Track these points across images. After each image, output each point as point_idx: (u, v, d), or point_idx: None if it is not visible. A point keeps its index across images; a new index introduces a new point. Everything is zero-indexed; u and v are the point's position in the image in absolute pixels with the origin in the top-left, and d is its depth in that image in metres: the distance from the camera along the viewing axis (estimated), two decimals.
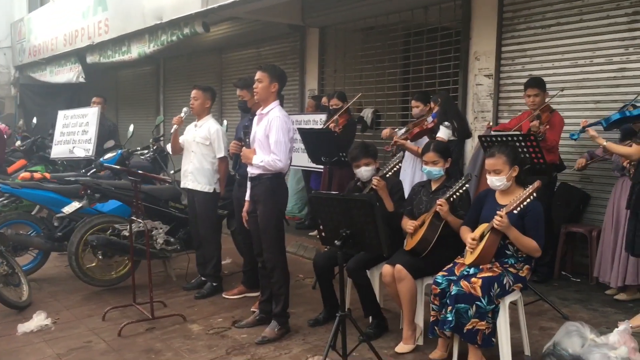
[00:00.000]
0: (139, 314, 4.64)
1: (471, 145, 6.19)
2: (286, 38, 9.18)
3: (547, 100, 5.12)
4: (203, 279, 5.45)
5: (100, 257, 5.33)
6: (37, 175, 5.97)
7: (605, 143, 3.96)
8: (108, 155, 6.67)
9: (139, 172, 4.96)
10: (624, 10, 5.25)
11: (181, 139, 5.41)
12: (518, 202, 3.43)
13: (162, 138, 7.87)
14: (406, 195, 4.44)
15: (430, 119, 5.57)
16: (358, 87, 8.01)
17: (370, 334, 4.14)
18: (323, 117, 6.74)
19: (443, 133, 5.30)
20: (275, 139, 4.09)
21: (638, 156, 3.89)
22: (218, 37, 10.18)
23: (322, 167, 6.44)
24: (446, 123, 5.32)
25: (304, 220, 7.75)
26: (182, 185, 5.40)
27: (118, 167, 5.83)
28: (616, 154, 4.10)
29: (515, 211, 3.45)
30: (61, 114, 8.39)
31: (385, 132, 5.86)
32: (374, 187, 4.18)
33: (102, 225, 5.34)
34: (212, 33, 9.29)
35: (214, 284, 5.34)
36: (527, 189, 3.44)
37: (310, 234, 7.04)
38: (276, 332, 4.24)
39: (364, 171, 4.35)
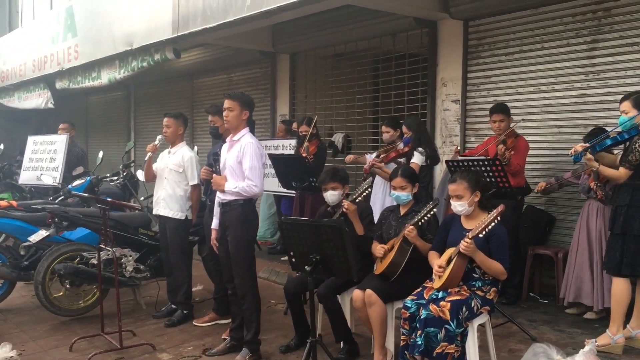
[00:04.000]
0: (107, 344, 4.56)
1: (440, 170, 6.29)
2: (257, 64, 9.26)
3: (511, 125, 5.25)
4: (173, 306, 5.39)
5: (67, 286, 5.25)
6: (3, 203, 5.86)
7: (598, 166, 4.06)
8: (76, 182, 6.59)
9: (108, 199, 4.93)
10: (583, 39, 5.44)
11: (154, 166, 5.40)
12: (483, 226, 3.49)
13: (132, 164, 7.82)
14: (377, 219, 4.49)
15: (401, 144, 5.65)
16: (329, 112, 8.12)
17: (341, 359, 4.15)
18: (293, 142, 6.79)
19: (417, 159, 5.38)
20: (249, 164, 4.12)
21: (625, 179, 4.00)
22: (189, 62, 10.22)
23: (293, 192, 6.46)
24: (420, 149, 5.41)
25: (276, 245, 7.73)
26: (154, 212, 5.38)
27: (86, 194, 5.77)
28: (607, 177, 4.19)
29: (480, 235, 3.51)
30: (31, 139, 8.30)
31: (349, 158, 5.93)
32: (344, 210, 4.21)
33: (70, 254, 5.26)
34: (183, 59, 9.32)
35: (185, 312, 5.29)
36: (492, 213, 3.52)
37: (282, 259, 7.03)
38: (247, 359, 4.22)
39: (329, 195, 4.39)
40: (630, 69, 5.13)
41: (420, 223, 3.91)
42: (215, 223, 4.40)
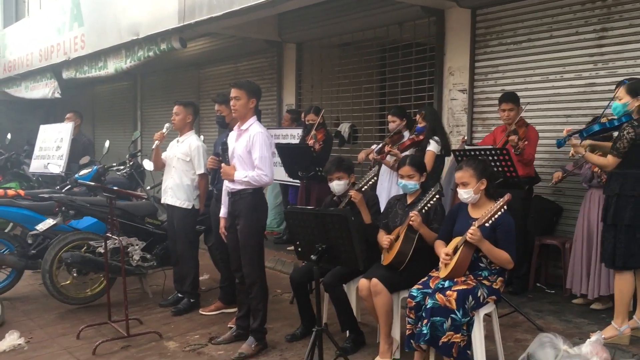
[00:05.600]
0: (114, 332, 4.59)
1: (447, 161, 6.26)
2: (263, 53, 9.23)
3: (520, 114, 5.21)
4: (180, 295, 5.41)
5: (74, 274, 5.28)
6: (10, 192, 5.88)
7: (584, 152, 4.03)
8: (83, 172, 6.61)
9: (114, 188, 4.93)
10: (592, 27, 5.38)
11: (164, 155, 5.40)
12: (490, 215, 3.48)
13: (139, 154, 7.83)
14: (383, 208, 4.48)
15: (407, 134, 5.63)
16: (335, 102, 8.09)
17: (347, 348, 4.15)
18: (300, 131, 6.78)
19: (433, 147, 5.35)
20: (259, 154, 4.12)
21: (613, 167, 3.96)
22: (195, 52, 10.20)
23: (298, 181, 6.46)
24: (436, 138, 5.38)
25: (282, 235, 7.74)
26: (162, 201, 5.39)
27: (92, 183, 5.78)
28: (593, 164, 4.16)
29: (487, 224, 3.50)
30: (42, 128, 8.37)
31: (361, 156, 5.83)
32: (352, 199, 4.20)
33: (77, 243, 5.28)
34: (190, 48, 9.31)
35: (191, 301, 5.30)
36: (498, 202, 3.50)
37: (288, 248, 7.03)
38: (253, 348, 4.23)
39: (335, 185, 4.38)
40: None
41: (424, 210, 3.89)
42: (224, 212, 4.40)
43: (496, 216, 3.49)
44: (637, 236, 3.90)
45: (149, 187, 6.51)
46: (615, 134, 4.02)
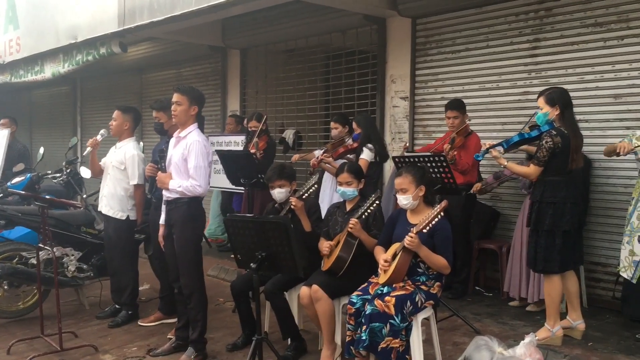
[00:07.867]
0: (47, 346, 4.42)
1: (390, 167, 6.34)
2: (207, 59, 9.14)
3: (466, 122, 5.33)
4: (118, 306, 5.25)
5: (5, 287, 5.05)
6: None
7: (506, 163, 4.18)
8: (16, 180, 6.36)
9: (47, 197, 4.77)
10: (526, 37, 5.56)
11: (102, 161, 5.26)
12: (427, 221, 3.53)
13: (77, 161, 7.59)
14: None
15: (350, 140, 5.67)
16: (280, 108, 8.08)
17: (288, 356, 4.14)
18: (243, 137, 6.73)
19: (366, 155, 5.40)
20: (194, 164, 4.02)
21: (536, 176, 4.11)
22: (137, 57, 9.99)
23: (242, 189, 6.41)
24: (369, 145, 5.43)
25: (226, 243, 7.65)
26: (98, 208, 5.23)
27: (23, 192, 5.56)
28: (516, 173, 4.33)
29: (425, 230, 3.55)
30: None
31: (295, 157, 5.90)
32: (292, 207, 4.19)
33: (9, 254, 5.08)
34: (131, 53, 9.12)
35: (129, 312, 5.16)
36: (436, 208, 3.56)
37: (232, 256, 6.93)
38: (192, 359, 4.15)
39: (277, 193, 4.37)
40: (571, 68, 5.27)
41: (363, 216, 3.92)
42: (163, 219, 4.30)
43: (433, 222, 3.55)
44: (557, 242, 4.06)
45: (85, 195, 6.31)
46: None
